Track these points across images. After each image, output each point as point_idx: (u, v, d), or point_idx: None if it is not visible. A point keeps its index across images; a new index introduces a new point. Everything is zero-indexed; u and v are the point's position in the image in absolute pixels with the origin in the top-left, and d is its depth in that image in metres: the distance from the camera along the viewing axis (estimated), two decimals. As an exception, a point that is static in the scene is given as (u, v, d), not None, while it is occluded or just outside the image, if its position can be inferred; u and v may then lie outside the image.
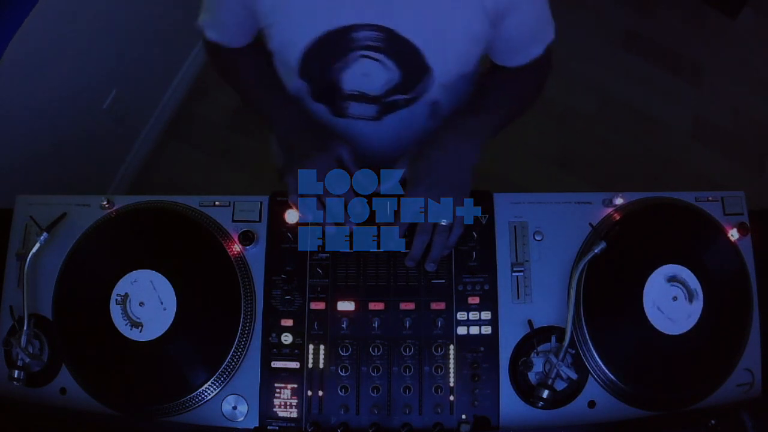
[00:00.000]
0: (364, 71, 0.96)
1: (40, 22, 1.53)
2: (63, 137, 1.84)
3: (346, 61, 0.95)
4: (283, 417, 0.95)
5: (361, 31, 0.91)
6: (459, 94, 1.09)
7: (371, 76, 0.97)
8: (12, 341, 0.96)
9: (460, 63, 0.98)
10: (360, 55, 0.94)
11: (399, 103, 1.03)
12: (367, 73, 0.97)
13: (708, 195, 1.03)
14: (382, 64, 0.95)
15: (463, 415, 0.94)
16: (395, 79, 0.97)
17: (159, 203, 1.04)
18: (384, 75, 0.97)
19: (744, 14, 2.68)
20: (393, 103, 1.03)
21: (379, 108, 1.05)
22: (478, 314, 0.97)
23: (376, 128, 1.09)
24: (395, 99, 1.02)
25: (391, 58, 0.94)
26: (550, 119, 2.46)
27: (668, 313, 0.95)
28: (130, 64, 2.00)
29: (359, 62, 0.95)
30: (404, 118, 1.07)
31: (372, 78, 0.97)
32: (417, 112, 1.06)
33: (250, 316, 0.98)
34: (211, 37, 1.06)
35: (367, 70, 0.96)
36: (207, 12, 1.03)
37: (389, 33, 0.91)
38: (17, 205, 1.05)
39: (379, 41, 0.92)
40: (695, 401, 0.96)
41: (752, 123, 2.53)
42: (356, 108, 1.05)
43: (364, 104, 1.04)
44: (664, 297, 0.95)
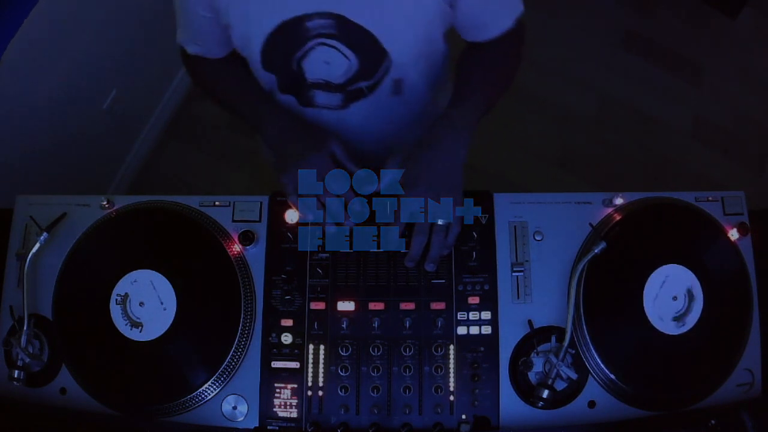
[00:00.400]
0: (325, 59, 0.97)
1: (40, 22, 1.53)
2: (63, 137, 1.84)
3: (305, 50, 0.96)
4: (283, 417, 0.95)
5: (314, 19, 0.92)
6: (424, 72, 1.08)
7: (332, 63, 0.98)
8: (12, 341, 0.96)
9: (417, 43, 0.99)
10: (318, 43, 0.95)
11: (363, 90, 1.04)
12: (328, 60, 0.98)
13: (708, 195, 1.03)
14: (339, 51, 0.96)
15: (463, 415, 0.94)
16: (354, 66, 0.98)
17: (159, 203, 1.04)
18: (343, 62, 0.98)
19: (744, 14, 2.67)
20: (357, 91, 1.04)
21: (343, 96, 1.06)
22: (478, 314, 0.97)
23: (343, 116, 1.10)
24: (358, 86, 1.03)
25: (346, 44, 0.95)
26: (550, 119, 2.46)
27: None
28: (130, 64, 2.00)
29: (318, 50, 0.96)
30: (370, 102, 1.07)
31: (333, 66, 0.99)
32: (381, 94, 1.06)
33: (250, 316, 0.98)
34: (192, 51, 1.08)
35: (327, 57, 0.97)
36: (181, 28, 1.06)
37: (340, 19, 0.92)
38: (17, 205, 1.05)
39: (332, 28, 0.93)
40: (695, 401, 0.96)
41: (752, 123, 2.53)
42: (322, 97, 1.06)
43: (329, 93, 1.05)
44: (664, 297, 0.95)
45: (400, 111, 1.13)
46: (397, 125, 1.17)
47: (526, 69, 2.72)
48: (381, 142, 1.18)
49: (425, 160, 0.96)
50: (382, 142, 1.18)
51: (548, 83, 2.49)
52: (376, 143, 1.18)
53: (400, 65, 1.00)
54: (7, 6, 1.12)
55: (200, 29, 1.03)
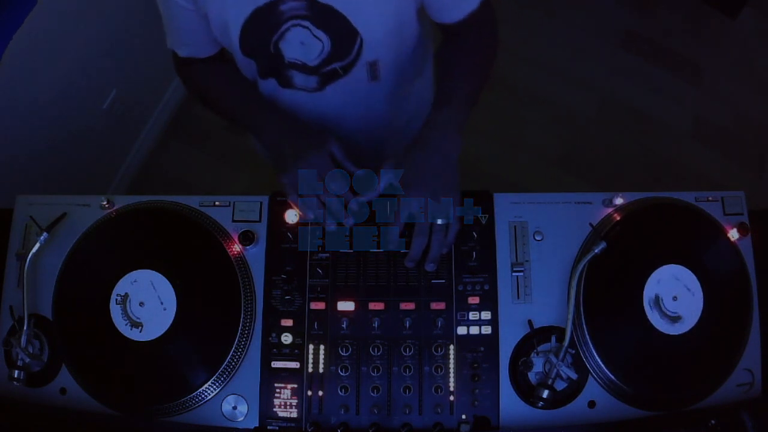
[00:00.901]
0: (301, 39, 0.99)
1: (40, 22, 1.53)
2: (63, 137, 1.84)
3: (280, 32, 0.98)
4: (283, 417, 0.95)
5: (287, 2, 0.94)
6: (398, 53, 1.09)
7: (307, 44, 1.00)
8: (12, 341, 0.96)
9: (388, 22, 0.99)
10: (293, 24, 0.97)
11: (337, 71, 1.05)
12: (304, 41, 0.99)
13: (708, 195, 1.03)
14: (311, 33, 0.98)
15: (463, 415, 0.94)
16: (327, 47, 1.00)
17: (159, 203, 1.04)
18: (317, 44, 0.99)
19: (744, 14, 2.68)
20: (332, 72, 1.05)
21: (319, 79, 1.07)
22: (478, 314, 0.97)
23: (321, 99, 1.11)
24: (333, 68, 1.04)
25: (318, 26, 0.97)
26: (550, 119, 2.46)
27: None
28: (130, 64, 2.00)
29: (294, 31, 0.98)
30: (346, 85, 1.08)
31: (308, 47, 1.00)
32: (356, 76, 1.07)
33: (250, 316, 0.98)
34: (183, 53, 1.09)
35: (303, 38, 0.99)
36: (169, 31, 1.07)
37: (310, 1, 0.94)
38: (17, 205, 1.05)
39: (304, 9, 0.95)
40: (695, 401, 0.96)
41: (752, 123, 2.53)
42: (299, 78, 1.07)
43: (305, 75, 1.06)
44: (665, 297, 0.95)
45: (377, 95, 1.14)
46: (376, 111, 1.18)
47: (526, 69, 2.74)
48: (361, 129, 1.19)
49: (420, 161, 0.96)
50: (363, 131, 1.19)
51: (548, 83, 2.50)
52: (356, 130, 1.19)
53: (373, 45, 1.01)
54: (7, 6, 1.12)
55: (185, 26, 1.04)
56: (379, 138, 1.25)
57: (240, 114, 1.11)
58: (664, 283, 0.96)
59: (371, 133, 1.22)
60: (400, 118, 1.24)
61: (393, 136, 1.27)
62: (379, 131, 1.23)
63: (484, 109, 2.66)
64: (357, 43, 1.00)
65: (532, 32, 2.59)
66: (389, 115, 1.20)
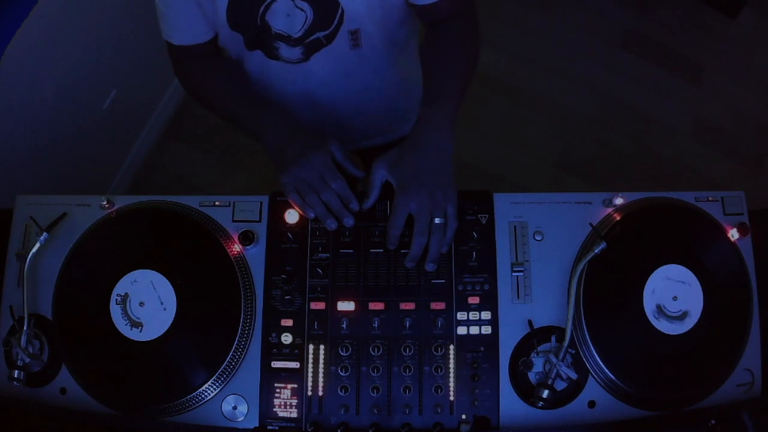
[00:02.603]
0: (286, 11, 1.01)
1: (40, 22, 1.53)
2: (63, 137, 1.84)
3: (267, 4, 1.00)
4: (283, 417, 0.95)
5: None
6: (380, 23, 1.09)
7: (291, 16, 1.01)
8: (12, 341, 0.96)
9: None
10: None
11: (321, 41, 1.06)
12: (288, 12, 1.01)
13: (708, 195, 1.03)
14: (294, 4, 1.00)
15: (463, 415, 0.94)
16: (310, 16, 1.01)
17: (159, 203, 1.04)
18: (300, 15, 1.01)
19: (744, 14, 2.68)
20: (315, 41, 1.06)
21: (303, 49, 1.08)
22: (478, 314, 0.97)
23: (306, 70, 1.12)
24: (316, 37, 1.05)
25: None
26: (550, 119, 2.46)
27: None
28: (130, 64, 2.00)
29: (279, 2, 1.00)
30: (329, 55, 1.10)
31: (292, 18, 1.02)
32: (339, 46, 1.08)
33: (250, 316, 0.98)
34: (177, 41, 1.09)
35: (287, 9, 1.00)
36: (163, 20, 1.07)
37: None
38: (17, 205, 1.05)
39: None
40: (695, 401, 0.96)
41: (752, 123, 2.53)
42: (285, 50, 1.08)
43: (290, 46, 1.07)
44: (665, 297, 0.95)
45: (361, 67, 1.15)
46: (360, 80, 1.19)
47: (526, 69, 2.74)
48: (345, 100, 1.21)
49: (413, 161, 0.96)
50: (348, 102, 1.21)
51: (548, 83, 2.50)
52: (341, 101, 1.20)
53: (354, 14, 1.03)
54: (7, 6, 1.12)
55: (176, 8, 1.04)
56: (365, 112, 1.27)
57: (239, 114, 1.10)
58: (664, 283, 0.96)
59: (357, 105, 1.24)
60: (385, 90, 1.25)
61: (379, 110, 1.29)
62: (364, 104, 1.25)
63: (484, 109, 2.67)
64: (338, 12, 1.02)
65: (532, 32, 2.59)
66: (374, 85, 1.21)
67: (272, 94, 1.20)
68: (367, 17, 1.04)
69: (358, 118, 1.27)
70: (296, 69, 1.12)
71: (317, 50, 1.08)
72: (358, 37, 1.08)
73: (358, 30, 1.07)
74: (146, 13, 1.98)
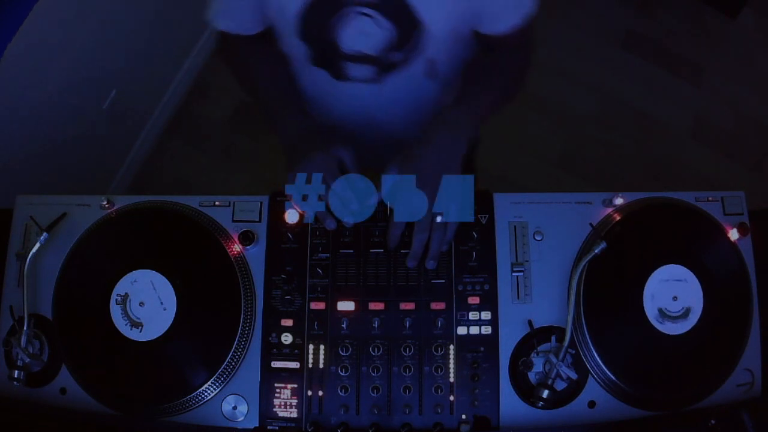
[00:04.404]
0: (362, 29, 0.98)
1: (40, 22, 1.53)
2: (63, 137, 1.84)
3: (342, 19, 0.97)
4: (283, 417, 0.95)
5: None
6: (454, 54, 1.09)
7: (369, 34, 0.99)
8: (12, 341, 0.96)
9: (449, 18, 1.00)
10: (356, 12, 0.96)
11: (396, 62, 1.05)
12: (365, 31, 0.98)
13: (708, 195, 1.03)
14: (376, 21, 0.97)
15: (463, 415, 0.94)
16: (390, 36, 0.99)
17: (159, 203, 1.04)
18: (379, 33, 0.99)
19: (744, 14, 2.68)
20: (391, 63, 1.05)
21: (377, 69, 1.06)
22: (478, 314, 0.97)
23: (378, 91, 1.10)
24: (392, 58, 1.04)
25: (384, 14, 0.96)
26: (550, 119, 2.46)
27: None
28: (130, 64, 2.00)
29: (356, 20, 0.97)
30: (403, 78, 1.08)
31: (370, 36, 0.99)
32: (415, 72, 1.07)
33: (250, 316, 0.98)
34: (223, 27, 1.06)
35: (365, 27, 0.98)
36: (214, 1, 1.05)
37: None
38: (17, 205, 1.05)
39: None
40: (695, 401, 0.96)
41: (752, 123, 2.53)
42: (356, 70, 1.06)
43: (363, 65, 1.05)
44: (665, 297, 0.95)
45: (431, 96, 1.14)
46: (425, 108, 1.17)
47: (526, 69, 2.70)
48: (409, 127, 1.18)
49: (421, 157, 0.96)
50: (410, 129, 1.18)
51: (548, 83, 2.49)
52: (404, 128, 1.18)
53: (434, 41, 1.01)
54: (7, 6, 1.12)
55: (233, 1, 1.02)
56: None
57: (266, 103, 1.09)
58: (664, 284, 0.96)
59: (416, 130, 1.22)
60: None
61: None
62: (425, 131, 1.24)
63: (484, 109, 2.62)
64: (419, 35, 1.00)
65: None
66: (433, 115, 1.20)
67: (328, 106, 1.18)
68: (443, 45, 1.03)
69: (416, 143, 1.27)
70: (366, 88, 1.10)
71: (390, 72, 1.07)
72: (435, 67, 1.07)
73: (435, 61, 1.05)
74: (147, 13, 1.99)
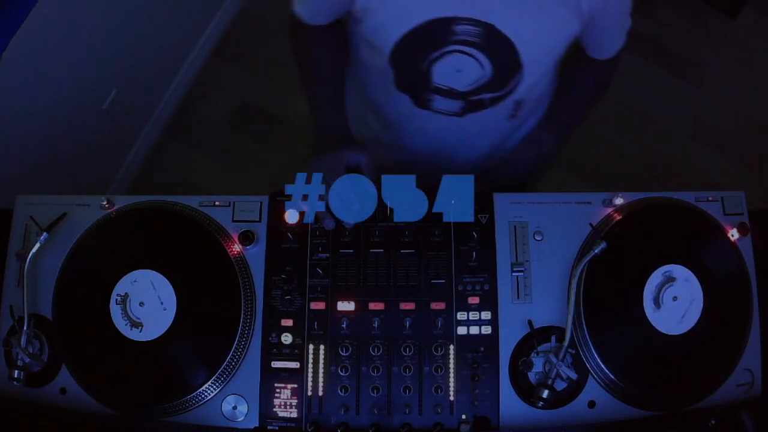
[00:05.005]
0: (458, 66, 0.97)
1: (40, 22, 1.53)
2: (63, 137, 1.84)
3: (441, 54, 0.96)
4: (283, 417, 0.95)
5: (463, 24, 0.92)
6: (539, 94, 1.10)
7: (463, 72, 0.98)
8: (12, 341, 0.96)
9: (547, 61, 1.01)
10: (456, 50, 0.95)
11: (485, 102, 1.04)
12: (460, 68, 0.98)
13: (708, 195, 1.03)
14: (476, 60, 0.96)
15: (463, 415, 0.94)
16: (486, 76, 0.99)
17: (159, 203, 1.04)
18: (476, 72, 0.98)
19: (744, 14, 2.68)
20: (479, 101, 1.04)
21: (464, 105, 1.05)
22: (478, 314, 0.97)
23: (457, 124, 1.10)
24: (482, 97, 1.03)
25: (486, 54, 0.95)
26: (550, 119, 2.45)
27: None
28: (130, 64, 2.00)
29: (454, 57, 0.96)
30: (486, 116, 1.07)
31: (464, 74, 0.99)
32: (500, 111, 1.07)
33: (250, 316, 0.98)
34: (298, 11, 1.05)
35: (461, 65, 0.97)
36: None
37: (489, 28, 0.92)
38: (17, 205, 1.05)
39: (477, 36, 0.93)
40: (695, 401, 0.96)
41: (752, 123, 2.53)
42: (441, 102, 1.06)
43: (450, 99, 1.04)
44: (664, 297, 0.95)
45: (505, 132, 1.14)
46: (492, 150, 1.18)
47: (526, 69, 2.69)
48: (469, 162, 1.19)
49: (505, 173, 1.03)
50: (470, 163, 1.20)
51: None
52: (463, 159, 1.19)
53: (528, 84, 1.02)
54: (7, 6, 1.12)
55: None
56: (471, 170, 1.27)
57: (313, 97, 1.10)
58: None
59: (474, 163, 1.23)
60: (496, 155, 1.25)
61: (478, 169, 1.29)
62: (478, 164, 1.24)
63: (484, 109, 2.61)
64: (516, 77, 1.00)
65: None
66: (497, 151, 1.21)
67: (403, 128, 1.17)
68: (534, 86, 1.04)
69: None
70: (445, 120, 1.09)
71: (476, 110, 1.06)
72: (519, 108, 1.07)
73: (522, 102, 1.05)
74: (147, 13, 1.99)
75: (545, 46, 0.97)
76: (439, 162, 1.20)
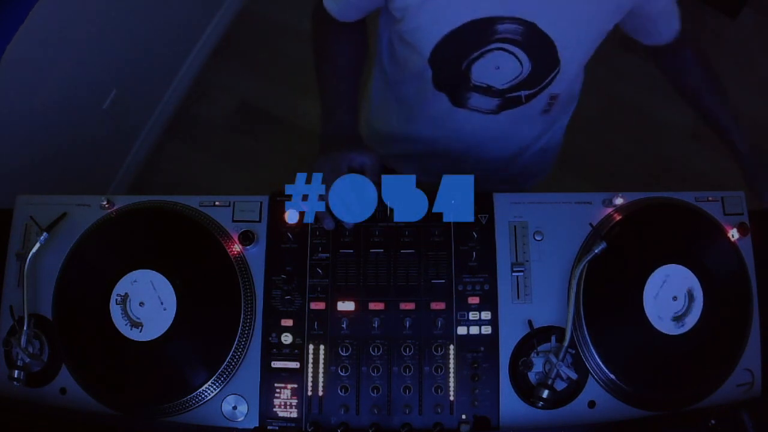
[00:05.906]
0: (497, 64, 0.98)
1: (40, 22, 1.53)
2: (63, 137, 1.84)
3: (482, 51, 0.96)
4: (283, 417, 0.95)
5: (504, 23, 0.92)
6: (573, 88, 1.10)
7: (502, 69, 0.98)
8: (12, 341, 0.96)
9: (585, 57, 1.02)
10: (496, 48, 0.95)
11: (521, 99, 1.05)
12: (499, 66, 0.98)
13: (708, 195, 1.03)
14: (515, 57, 0.97)
15: (463, 415, 0.94)
16: (525, 72, 0.99)
17: (159, 203, 1.04)
18: (515, 69, 0.99)
19: (744, 14, 2.67)
20: (515, 98, 1.04)
21: (500, 102, 1.06)
22: (478, 314, 0.97)
23: (491, 122, 1.10)
24: (518, 95, 1.03)
25: (526, 51, 0.96)
26: (550, 119, 2.46)
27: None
28: (130, 64, 2.00)
29: (494, 54, 0.96)
30: (521, 111, 1.08)
31: (502, 71, 0.99)
32: (534, 107, 1.07)
33: (250, 316, 0.98)
34: (328, 6, 1.04)
35: (500, 63, 0.97)
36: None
37: (530, 27, 0.92)
38: (17, 205, 1.05)
39: (519, 35, 0.94)
40: (695, 401, 0.96)
41: (752, 123, 2.53)
42: (477, 100, 1.06)
43: (486, 97, 1.05)
44: (664, 297, 0.95)
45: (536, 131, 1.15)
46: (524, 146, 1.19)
47: (526, 69, 2.69)
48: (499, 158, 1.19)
49: None
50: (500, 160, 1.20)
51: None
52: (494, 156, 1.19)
53: (564, 78, 1.02)
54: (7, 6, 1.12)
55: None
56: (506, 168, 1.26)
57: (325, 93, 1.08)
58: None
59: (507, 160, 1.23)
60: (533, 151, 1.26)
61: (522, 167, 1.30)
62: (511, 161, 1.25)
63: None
64: (553, 74, 1.00)
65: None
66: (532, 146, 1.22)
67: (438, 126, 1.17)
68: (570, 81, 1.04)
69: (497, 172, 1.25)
70: (480, 117, 1.09)
71: (512, 107, 1.06)
72: (555, 102, 1.07)
73: (557, 96, 1.06)
74: (147, 13, 1.99)
75: (584, 42, 0.98)
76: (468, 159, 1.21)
